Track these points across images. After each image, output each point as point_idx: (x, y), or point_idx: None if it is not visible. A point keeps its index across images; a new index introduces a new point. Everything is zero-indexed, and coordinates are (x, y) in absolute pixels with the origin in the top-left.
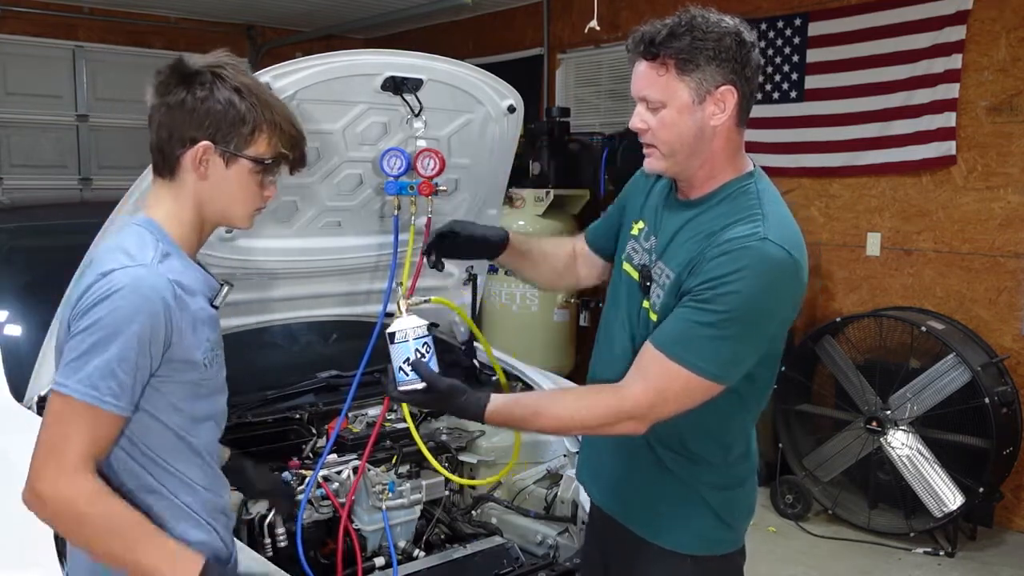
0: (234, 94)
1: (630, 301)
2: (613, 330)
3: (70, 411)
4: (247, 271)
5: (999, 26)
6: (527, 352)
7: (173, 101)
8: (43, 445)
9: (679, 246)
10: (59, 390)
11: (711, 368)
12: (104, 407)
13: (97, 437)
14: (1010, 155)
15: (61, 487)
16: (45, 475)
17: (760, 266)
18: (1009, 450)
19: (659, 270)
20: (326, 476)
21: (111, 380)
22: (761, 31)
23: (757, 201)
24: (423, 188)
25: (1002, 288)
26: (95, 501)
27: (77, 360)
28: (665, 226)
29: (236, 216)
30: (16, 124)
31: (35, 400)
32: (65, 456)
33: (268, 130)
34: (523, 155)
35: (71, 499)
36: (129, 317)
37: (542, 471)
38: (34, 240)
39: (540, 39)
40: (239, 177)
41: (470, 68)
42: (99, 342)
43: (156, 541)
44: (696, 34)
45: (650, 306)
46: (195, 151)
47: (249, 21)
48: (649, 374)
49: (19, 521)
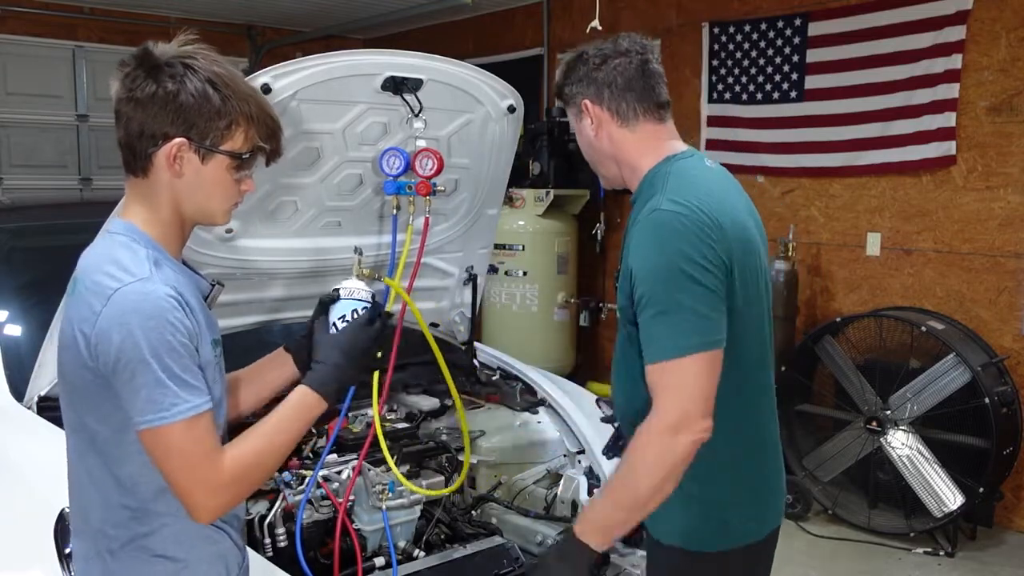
0: (208, 86)
1: None
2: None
3: (176, 436)
4: (247, 271)
5: (999, 26)
6: (527, 352)
7: (142, 95)
8: (181, 475)
9: (627, 240)
10: (156, 425)
11: (687, 340)
12: (199, 410)
13: (211, 435)
14: (1010, 155)
15: (221, 497)
16: (205, 501)
17: (652, 234)
18: (1009, 450)
19: (621, 268)
20: (326, 476)
21: (188, 388)
22: (761, 31)
23: (663, 181)
24: (421, 188)
25: (1002, 288)
26: (244, 470)
27: (151, 392)
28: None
29: (214, 212)
30: (16, 124)
31: (35, 400)
32: (207, 473)
33: (245, 123)
34: (523, 155)
35: (236, 490)
36: (161, 329)
37: (542, 471)
38: (34, 240)
39: (540, 39)
40: (216, 173)
41: (470, 68)
42: (157, 366)
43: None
44: (562, 71)
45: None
46: (169, 148)
47: (249, 21)
48: (656, 389)
49: (19, 521)
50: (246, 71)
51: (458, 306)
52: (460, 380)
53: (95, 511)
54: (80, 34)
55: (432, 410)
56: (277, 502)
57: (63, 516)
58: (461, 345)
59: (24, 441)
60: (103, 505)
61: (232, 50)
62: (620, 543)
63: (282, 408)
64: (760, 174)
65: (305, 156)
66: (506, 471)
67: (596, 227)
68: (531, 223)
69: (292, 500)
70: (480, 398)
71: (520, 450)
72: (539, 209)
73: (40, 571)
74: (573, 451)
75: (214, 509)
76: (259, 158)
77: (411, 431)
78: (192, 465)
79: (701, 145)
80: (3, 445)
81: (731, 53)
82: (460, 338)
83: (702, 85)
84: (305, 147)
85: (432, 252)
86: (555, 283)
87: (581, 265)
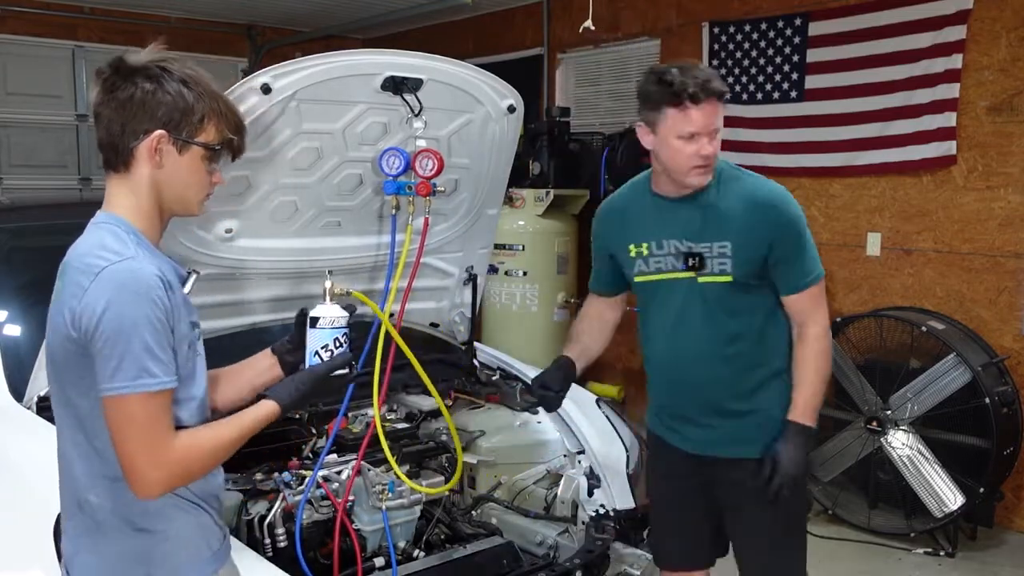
0: (182, 85)
1: (681, 291)
2: (672, 317)
3: (136, 406)
4: (247, 271)
5: (999, 26)
6: (527, 352)
7: (122, 96)
8: (130, 445)
9: (717, 222)
10: (117, 393)
11: (820, 268)
12: (164, 386)
13: (168, 414)
14: (1010, 155)
15: (162, 472)
16: (146, 472)
17: (788, 196)
18: (1009, 450)
19: (709, 247)
20: (326, 476)
21: (157, 363)
22: (761, 31)
23: (738, 171)
24: (421, 188)
25: (1002, 288)
26: (192, 453)
27: (121, 362)
28: (677, 222)
29: (191, 202)
30: (16, 124)
31: (35, 400)
32: (155, 446)
33: (216, 118)
34: (523, 155)
35: (178, 470)
36: (141, 303)
37: (542, 471)
38: (34, 240)
39: (540, 39)
40: (192, 164)
41: (470, 68)
42: (130, 338)
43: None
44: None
45: (716, 275)
46: (150, 141)
47: (249, 21)
48: (812, 305)
49: (19, 521)
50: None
51: (458, 306)
52: (460, 380)
53: (81, 480)
54: (80, 34)
55: (432, 410)
56: (277, 502)
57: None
58: (461, 345)
59: (24, 441)
60: (88, 474)
61: (232, 50)
62: (620, 543)
63: (246, 415)
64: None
65: (305, 156)
66: (506, 471)
67: None
68: (531, 223)
69: (292, 500)
70: (480, 398)
71: (520, 450)
72: (539, 209)
73: (40, 571)
74: (573, 451)
75: (154, 482)
76: (227, 153)
77: (411, 431)
78: (142, 436)
79: None
80: (3, 445)
81: (731, 53)
82: (460, 338)
83: None
84: (305, 147)
85: (432, 252)
86: (555, 283)
87: (581, 265)
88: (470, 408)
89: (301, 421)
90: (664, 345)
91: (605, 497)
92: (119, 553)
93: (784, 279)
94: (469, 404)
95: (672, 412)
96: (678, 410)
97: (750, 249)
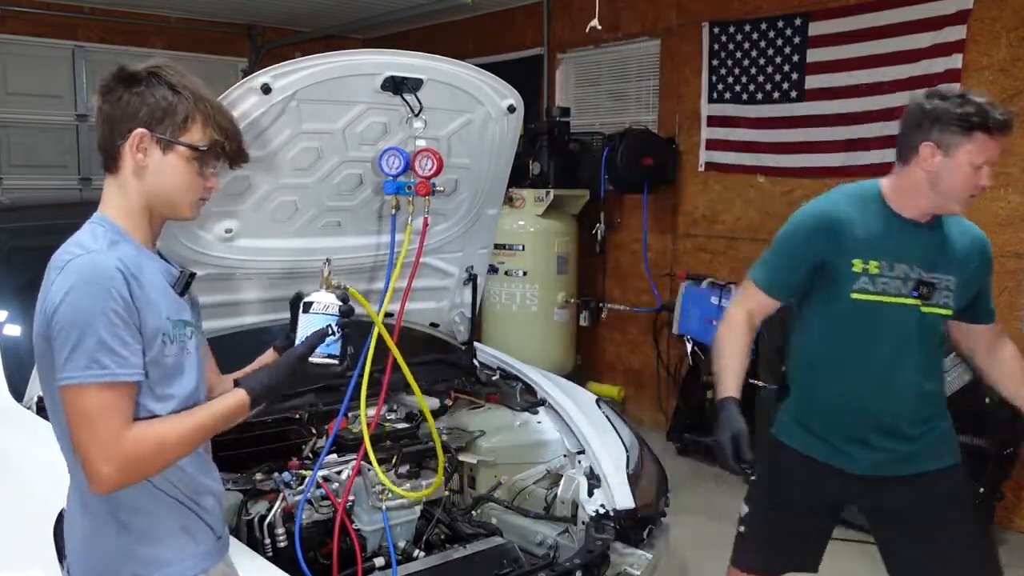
0: (168, 89)
1: (903, 318)
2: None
3: (87, 397)
4: (247, 271)
5: (999, 26)
6: (527, 352)
7: (113, 99)
8: (80, 436)
9: (949, 257)
10: (68, 383)
11: None
12: (117, 379)
13: (122, 408)
14: (1010, 155)
15: (114, 466)
16: (99, 467)
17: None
18: (1009, 450)
19: (938, 278)
20: (326, 476)
21: (110, 355)
22: (761, 31)
23: None
24: (420, 188)
25: (1002, 288)
26: (146, 446)
27: (72, 352)
28: (914, 248)
29: (180, 204)
30: (16, 124)
31: (35, 400)
32: (105, 440)
33: (201, 119)
34: (523, 155)
35: (132, 464)
36: (97, 295)
37: (542, 471)
38: (34, 240)
39: (540, 39)
40: (176, 164)
41: (470, 68)
42: (83, 329)
43: (213, 410)
44: None
45: (940, 307)
46: (132, 139)
47: (249, 21)
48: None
49: (19, 521)
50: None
51: (458, 306)
52: (460, 380)
53: (76, 469)
54: (80, 34)
55: (432, 410)
56: (277, 502)
57: (63, 516)
58: (461, 345)
59: (24, 441)
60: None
61: (232, 50)
62: (620, 543)
63: (211, 404)
64: (760, 174)
65: (305, 156)
66: (506, 471)
67: (596, 227)
68: (531, 223)
69: (292, 500)
70: (480, 398)
71: (520, 450)
72: (539, 209)
73: (40, 571)
74: (573, 451)
75: (105, 476)
76: (221, 157)
77: (411, 431)
78: (94, 429)
79: (701, 145)
80: (3, 445)
81: (731, 53)
82: (460, 338)
83: (702, 85)
84: (305, 147)
85: (432, 252)
86: (555, 283)
87: (581, 265)
88: (470, 408)
89: (301, 421)
90: (873, 370)
91: (605, 497)
92: (108, 552)
93: (983, 311)
94: (469, 404)
95: (848, 435)
96: (855, 433)
97: (969, 286)
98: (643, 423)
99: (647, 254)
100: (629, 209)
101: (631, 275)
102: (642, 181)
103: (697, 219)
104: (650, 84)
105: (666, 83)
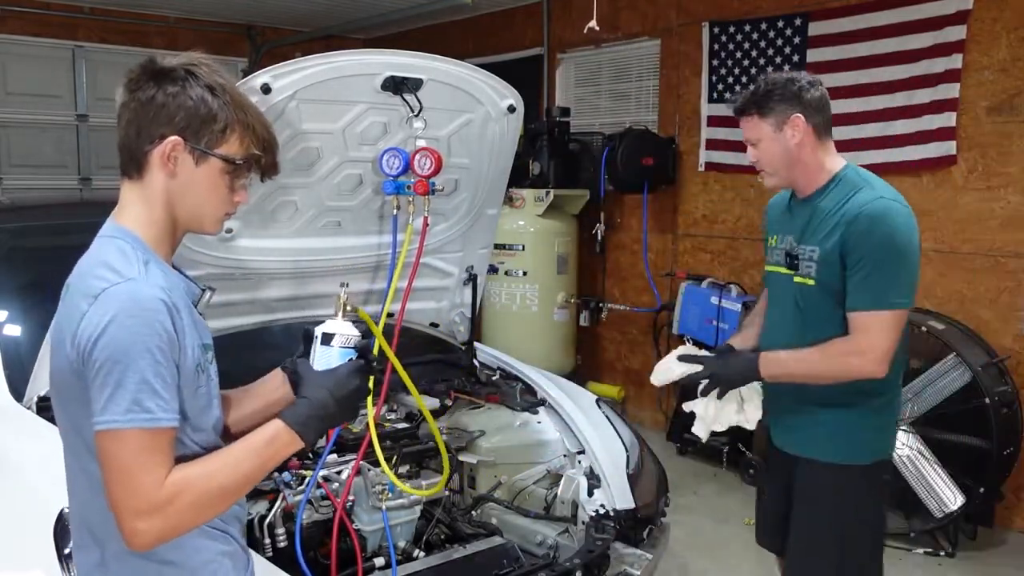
0: (207, 92)
1: (784, 287)
2: (778, 311)
3: (125, 444)
4: (247, 271)
5: (999, 26)
6: (527, 352)
7: (144, 97)
8: (116, 488)
9: (813, 229)
10: (107, 427)
11: (902, 298)
12: (160, 424)
13: (163, 454)
14: (1010, 155)
15: (150, 521)
16: (132, 523)
17: (891, 217)
18: (1009, 450)
19: (802, 251)
20: (326, 476)
21: (154, 397)
22: (761, 31)
23: (857, 178)
24: (418, 187)
25: (1002, 288)
26: (186, 498)
27: (113, 393)
28: (795, 222)
29: (206, 218)
30: (16, 124)
31: (35, 400)
32: (143, 494)
33: (240, 130)
34: (523, 155)
35: (170, 516)
36: (140, 330)
37: (542, 471)
38: (34, 240)
39: (540, 39)
40: (209, 177)
41: (470, 68)
42: (126, 367)
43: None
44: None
45: (804, 278)
46: (164, 147)
47: (249, 21)
48: (869, 328)
49: (19, 521)
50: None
51: (458, 306)
52: (460, 380)
53: (95, 514)
54: (80, 34)
55: (432, 410)
56: (277, 502)
57: (63, 516)
58: (461, 345)
59: (24, 441)
60: (103, 507)
61: (232, 50)
62: (620, 543)
63: (251, 439)
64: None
65: (305, 156)
66: (506, 471)
67: (596, 227)
68: (531, 223)
69: (292, 500)
70: (480, 398)
71: (520, 450)
72: (539, 209)
73: (40, 571)
74: (573, 451)
75: (144, 533)
76: (254, 171)
77: (411, 431)
78: (127, 480)
79: (701, 145)
80: (3, 445)
81: (731, 53)
82: (460, 338)
83: (702, 85)
84: (305, 147)
85: (432, 252)
86: (555, 283)
87: (581, 265)
88: (470, 408)
89: None
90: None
91: (605, 497)
92: None
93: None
94: (469, 404)
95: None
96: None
97: (833, 258)
98: (643, 423)
99: (647, 254)
100: (629, 209)
101: (631, 275)
102: (642, 181)
103: (697, 219)
104: (650, 84)
105: (666, 83)
